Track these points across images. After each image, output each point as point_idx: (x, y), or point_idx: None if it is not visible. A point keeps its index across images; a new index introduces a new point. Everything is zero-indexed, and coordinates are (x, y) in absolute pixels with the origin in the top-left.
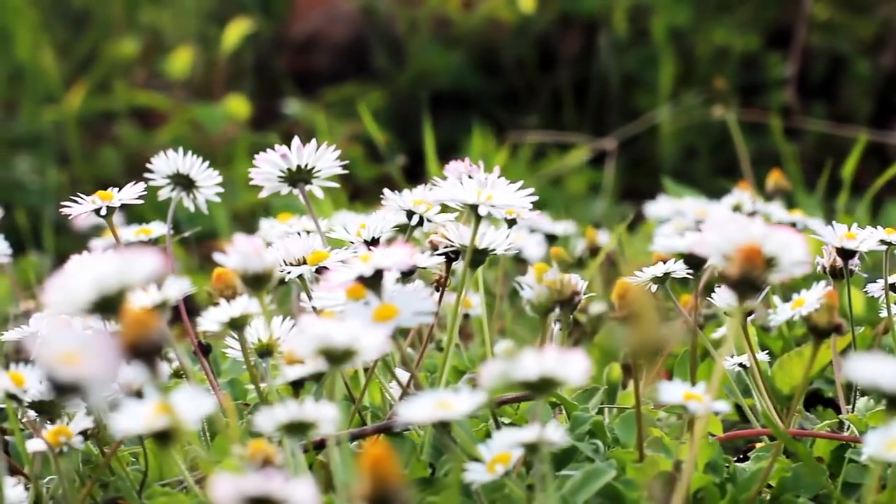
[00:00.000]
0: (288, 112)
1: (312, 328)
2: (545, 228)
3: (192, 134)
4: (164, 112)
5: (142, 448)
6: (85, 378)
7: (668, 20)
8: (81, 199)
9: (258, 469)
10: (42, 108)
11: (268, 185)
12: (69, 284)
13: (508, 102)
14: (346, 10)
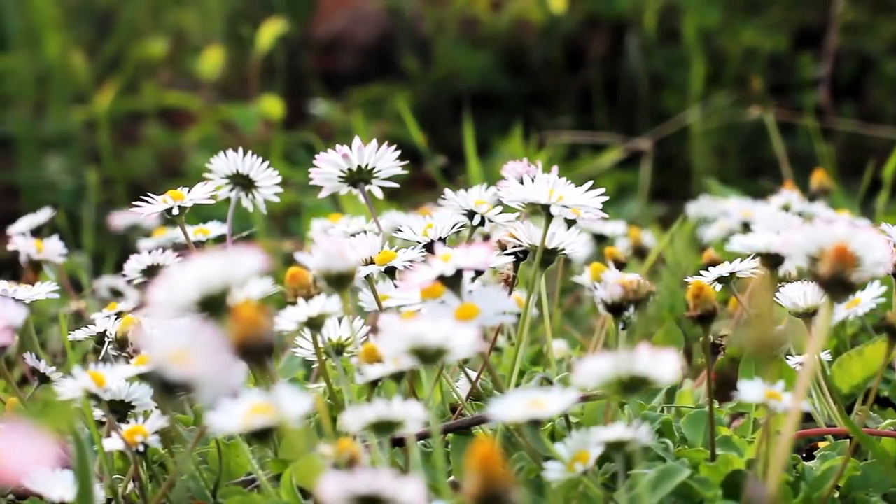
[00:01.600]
0: (315, 112)
1: (405, 328)
2: (593, 228)
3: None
4: (191, 112)
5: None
6: (196, 377)
7: (699, 21)
8: (152, 198)
9: (345, 469)
10: (71, 109)
11: (328, 184)
12: (174, 284)
13: (536, 103)
14: (370, 10)
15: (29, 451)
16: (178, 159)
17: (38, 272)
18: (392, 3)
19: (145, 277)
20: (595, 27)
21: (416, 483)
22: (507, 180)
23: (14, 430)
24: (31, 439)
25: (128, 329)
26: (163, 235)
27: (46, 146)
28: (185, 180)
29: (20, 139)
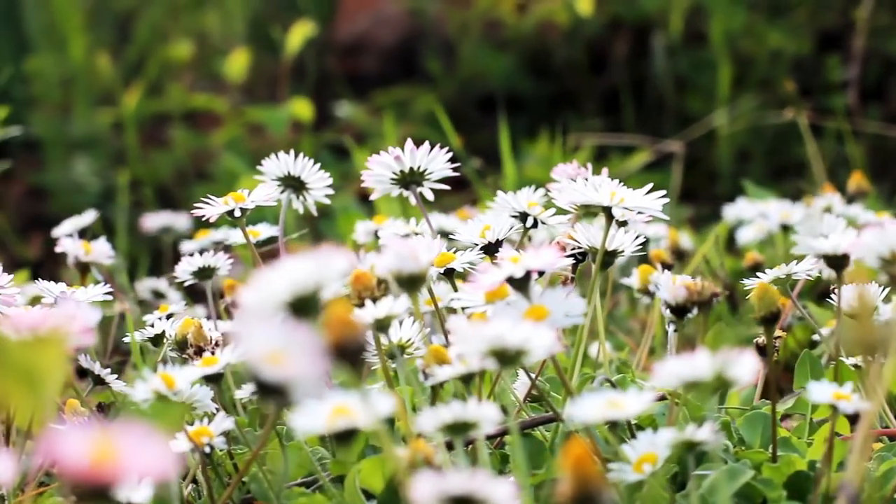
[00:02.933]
0: (340, 115)
1: (485, 329)
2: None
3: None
4: (215, 114)
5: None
6: (290, 378)
7: (725, 23)
8: (213, 200)
9: (418, 469)
10: (97, 111)
11: (379, 186)
12: (266, 285)
13: (560, 105)
14: (392, 12)
15: (147, 452)
16: (203, 161)
17: (86, 274)
18: (414, 5)
19: (196, 279)
20: (618, 29)
21: (509, 483)
22: (558, 183)
23: (131, 432)
24: (147, 441)
25: (188, 331)
26: (205, 237)
27: (73, 148)
28: (213, 182)
29: (47, 141)
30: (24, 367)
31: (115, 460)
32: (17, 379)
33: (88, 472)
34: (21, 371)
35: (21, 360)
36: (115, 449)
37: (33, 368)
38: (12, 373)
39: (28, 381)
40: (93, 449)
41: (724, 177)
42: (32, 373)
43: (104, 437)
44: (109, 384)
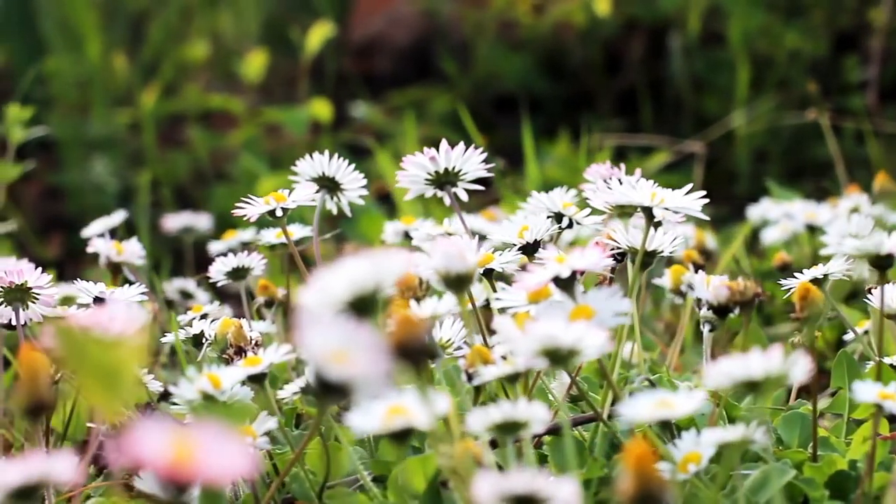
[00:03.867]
0: (356, 115)
1: (538, 328)
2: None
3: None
4: (230, 115)
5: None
6: (354, 377)
7: (744, 24)
8: (253, 200)
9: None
10: (113, 111)
11: (414, 187)
12: (326, 285)
13: (575, 105)
14: (407, 13)
15: (225, 452)
16: (219, 162)
17: (117, 274)
18: (429, 5)
19: (230, 279)
20: (633, 30)
21: (571, 483)
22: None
23: (209, 431)
24: (225, 440)
25: (228, 330)
26: (233, 238)
27: (91, 148)
28: (232, 182)
29: (65, 141)
30: (104, 365)
31: (194, 459)
32: (97, 377)
33: (168, 471)
34: (100, 369)
35: (100, 359)
36: (194, 448)
37: (112, 367)
38: (92, 371)
39: (107, 380)
40: (173, 448)
41: (743, 177)
42: (111, 371)
43: (183, 436)
44: (146, 384)
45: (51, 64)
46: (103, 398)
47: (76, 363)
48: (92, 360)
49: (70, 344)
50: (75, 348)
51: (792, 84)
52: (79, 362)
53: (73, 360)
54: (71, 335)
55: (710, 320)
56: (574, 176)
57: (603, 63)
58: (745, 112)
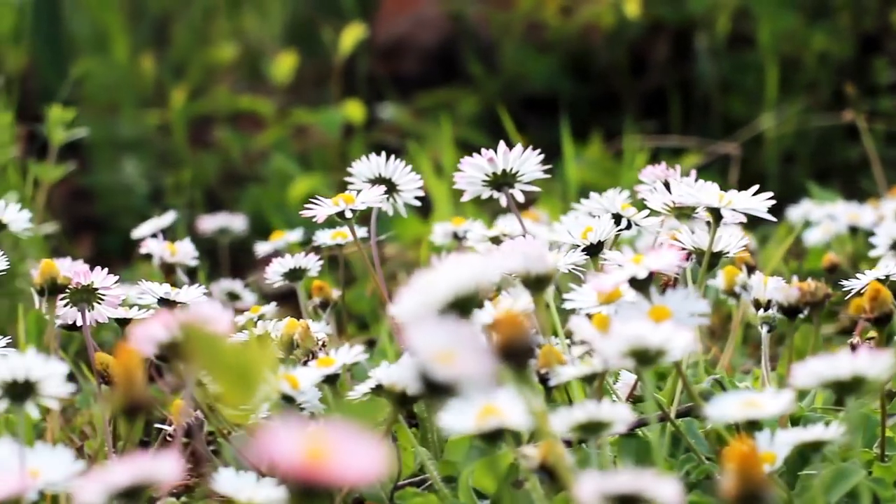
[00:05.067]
0: (383, 116)
1: (626, 329)
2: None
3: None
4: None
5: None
6: (460, 378)
7: (773, 26)
8: (322, 201)
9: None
10: (142, 113)
11: (470, 188)
12: (427, 285)
13: (601, 107)
14: (432, 14)
15: (359, 452)
16: (247, 163)
17: (170, 275)
18: (455, 8)
19: (287, 280)
20: (658, 31)
21: (673, 482)
22: (647, 184)
23: (342, 431)
24: (358, 440)
25: (294, 332)
26: (280, 238)
27: (121, 150)
28: (263, 183)
29: (94, 143)
30: (237, 366)
31: (328, 460)
32: (230, 378)
33: (303, 471)
34: (233, 370)
35: (233, 360)
36: (327, 448)
37: (244, 368)
38: (225, 372)
39: (239, 380)
40: (306, 448)
41: (772, 178)
42: (244, 372)
43: (316, 436)
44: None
45: (81, 65)
46: (236, 399)
47: (209, 364)
48: (225, 361)
49: (203, 344)
50: (208, 349)
51: (820, 86)
52: (211, 363)
53: (205, 361)
54: (204, 336)
55: (769, 321)
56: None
57: (630, 65)
58: (775, 114)
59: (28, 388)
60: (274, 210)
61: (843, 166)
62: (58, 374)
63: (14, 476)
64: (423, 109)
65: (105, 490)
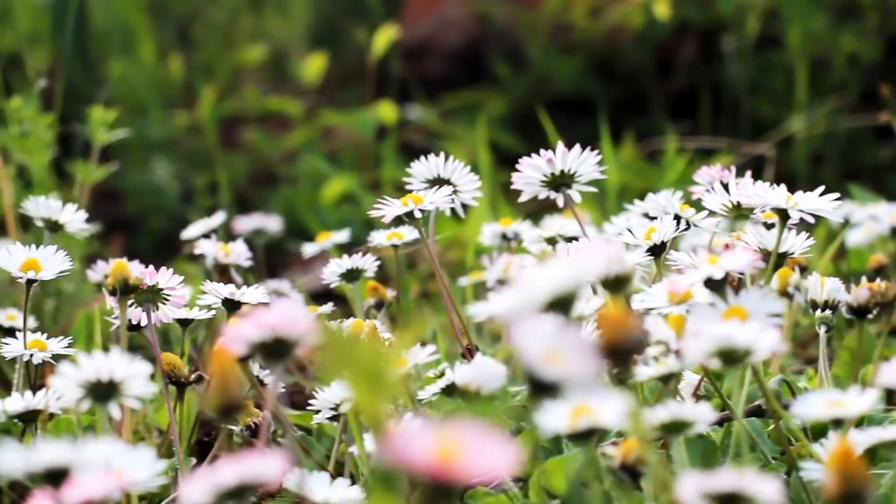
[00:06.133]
0: (411, 118)
1: (714, 329)
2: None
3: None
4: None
5: None
6: (566, 377)
7: (804, 27)
8: (389, 201)
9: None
10: (171, 114)
11: (528, 189)
12: (527, 284)
13: (628, 108)
14: (457, 16)
15: (491, 451)
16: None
17: (224, 275)
18: (481, 9)
19: (343, 281)
20: (684, 33)
21: (775, 481)
22: (702, 185)
23: (473, 431)
24: (489, 439)
25: (360, 332)
26: (326, 239)
27: (149, 151)
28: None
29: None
30: (370, 368)
31: (460, 459)
32: (364, 380)
33: (436, 471)
34: (367, 372)
35: (366, 362)
36: (459, 448)
37: (377, 370)
38: (359, 374)
39: (372, 382)
40: (438, 448)
41: (801, 179)
42: (377, 374)
43: (447, 435)
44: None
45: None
46: (369, 401)
47: (343, 366)
48: (359, 363)
49: (336, 347)
50: (342, 351)
51: (848, 87)
52: (345, 365)
53: (339, 363)
54: (337, 338)
55: (827, 321)
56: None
57: (657, 66)
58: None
59: (112, 389)
60: (307, 210)
61: (872, 167)
62: (141, 375)
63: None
64: (449, 111)
65: (212, 489)
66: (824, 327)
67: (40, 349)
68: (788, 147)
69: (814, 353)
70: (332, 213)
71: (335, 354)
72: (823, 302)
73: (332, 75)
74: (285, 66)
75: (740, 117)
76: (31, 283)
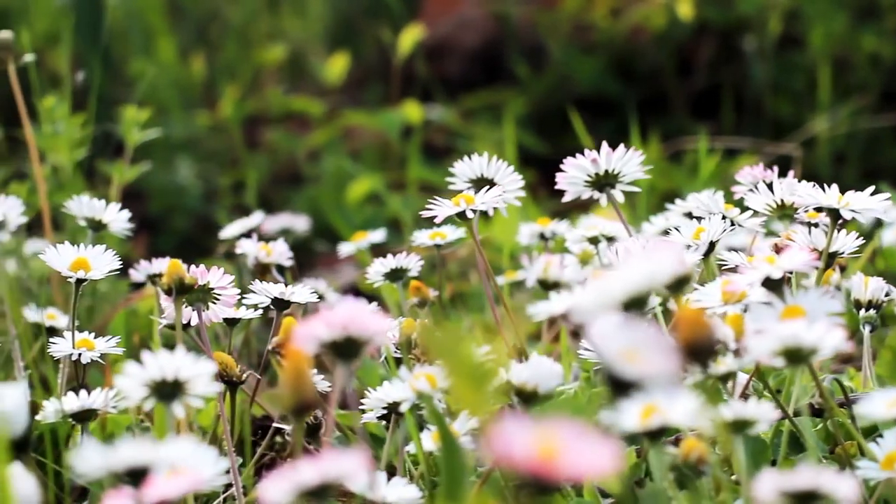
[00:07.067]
0: (432, 117)
1: (779, 329)
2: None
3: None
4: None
5: None
6: (646, 376)
7: (827, 27)
8: (440, 201)
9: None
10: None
11: (572, 189)
12: (604, 284)
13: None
14: (475, 16)
15: (590, 449)
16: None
17: (265, 275)
18: (499, 9)
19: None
20: (704, 33)
21: (851, 479)
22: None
23: (572, 430)
24: (588, 437)
25: (412, 331)
26: (363, 239)
27: (172, 150)
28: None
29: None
30: (475, 366)
31: (561, 457)
32: (468, 378)
33: (535, 468)
34: (472, 371)
35: (472, 360)
36: (560, 446)
37: (482, 368)
38: (464, 372)
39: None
40: (539, 445)
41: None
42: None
43: (547, 433)
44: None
45: (134, 66)
46: (473, 399)
47: (448, 364)
48: (464, 362)
49: (443, 345)
50: (448, 350)
51: (869, 87)
52: (451, 363)
53: (445, 362)
54: (444, 337)
55: (871, 321)
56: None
57: (678, 66)
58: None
59: (177, 388)
60: (334, 210)
61: (892, 166)
62: (206, 374)
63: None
64: (469, 111)
65: (294, 489)
66: (868, 327)
67: (88, 348)
68: (810, 147)
69: (851, 353)
70: (356, 213)
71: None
72: (867, 301)
73: (351, 75)
74: (303, 66)
75: (762, 117)
76: (81, 283)
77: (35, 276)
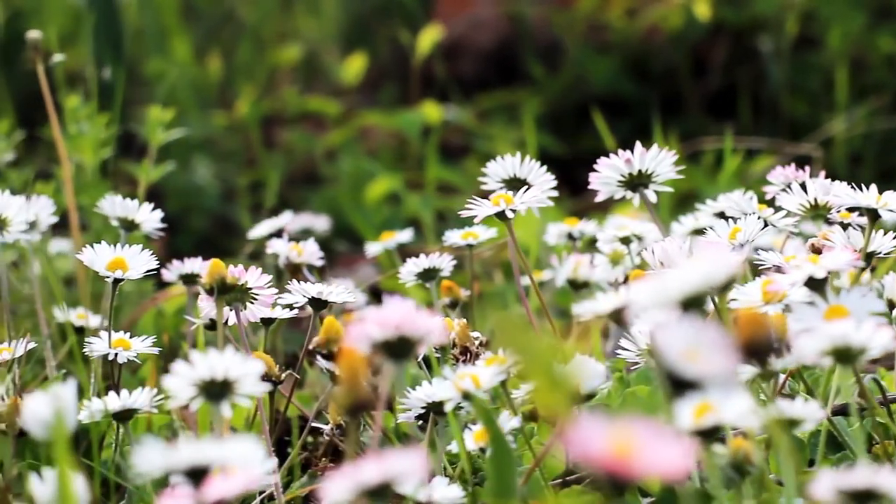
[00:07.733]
0: (447, 118)
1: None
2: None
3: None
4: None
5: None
6: (706, 375)
7: (844, 28)
8: (479, 201)
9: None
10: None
11: (605, 189)
12: (660, 284)
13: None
14: (489, 16)
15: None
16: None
17: (297, 275)
18: (513, 9)
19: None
20: (719, 33)
21: None
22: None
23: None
24: (664, 436)
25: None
26: (390, 239)
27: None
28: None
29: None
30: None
31: (636, 455)
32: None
33: (612, 466)
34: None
35: (548, 358)
36: (635, 444)
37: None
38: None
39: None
40: (615, 443)
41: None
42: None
43: (623, 432)
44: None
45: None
46: (549, 397)
47: (525, 362)
48: (540, 360)
49: (520, 343)
50: (525, 347)
51: (885, 88)
52: (528, 361)
53: (522, 360)
54: (521, 334)
55: None
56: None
57: (693, 66)
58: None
59: (225, 387)
60: (353, 210)
61: None
62: (254, 374)
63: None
64: (484, 111)
65: (355, 488)
66: None
67: (125, 348)
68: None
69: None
70: (375, 213)
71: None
72: None
73: (365, 75)
74: (318, 67)
75: (779, 118)
76: (118, 283)
77: (60, 275)
